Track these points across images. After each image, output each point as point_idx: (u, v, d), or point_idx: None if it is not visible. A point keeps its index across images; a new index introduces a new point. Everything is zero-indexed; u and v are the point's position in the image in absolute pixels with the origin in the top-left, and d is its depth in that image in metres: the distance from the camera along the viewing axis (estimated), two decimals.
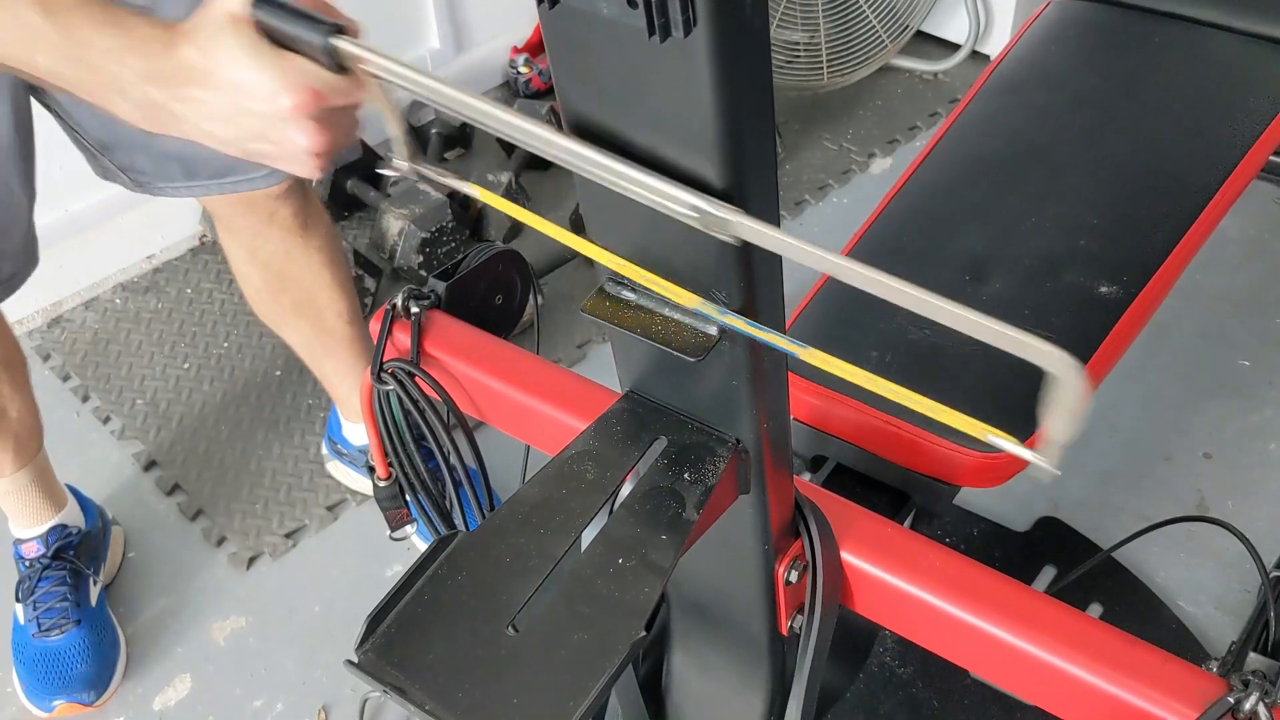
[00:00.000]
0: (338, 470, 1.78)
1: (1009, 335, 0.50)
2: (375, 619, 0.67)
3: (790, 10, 2.47)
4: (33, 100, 1.28)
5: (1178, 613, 1.56)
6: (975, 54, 2.64)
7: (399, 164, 0.69)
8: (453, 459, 1.07)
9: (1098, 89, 1.46)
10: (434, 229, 2.07)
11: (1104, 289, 1.22)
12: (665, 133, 0.58)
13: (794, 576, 0.87)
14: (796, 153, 2.42)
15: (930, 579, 0.85)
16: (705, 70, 0.53)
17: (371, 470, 1.27)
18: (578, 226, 2.17)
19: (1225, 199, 1.31)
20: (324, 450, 1.80)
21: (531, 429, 1.04)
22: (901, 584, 0.86)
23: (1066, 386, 0.50)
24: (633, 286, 0.71)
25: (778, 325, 0.71)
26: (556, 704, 0.62)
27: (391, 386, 1.07)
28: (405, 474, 1.14)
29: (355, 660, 0.65)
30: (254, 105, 0.66)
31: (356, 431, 1.71)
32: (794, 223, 2.27)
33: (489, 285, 1.17)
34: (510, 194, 2.20)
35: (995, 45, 2.61)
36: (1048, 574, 1.59)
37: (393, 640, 0.66)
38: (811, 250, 0.56)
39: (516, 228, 2.21)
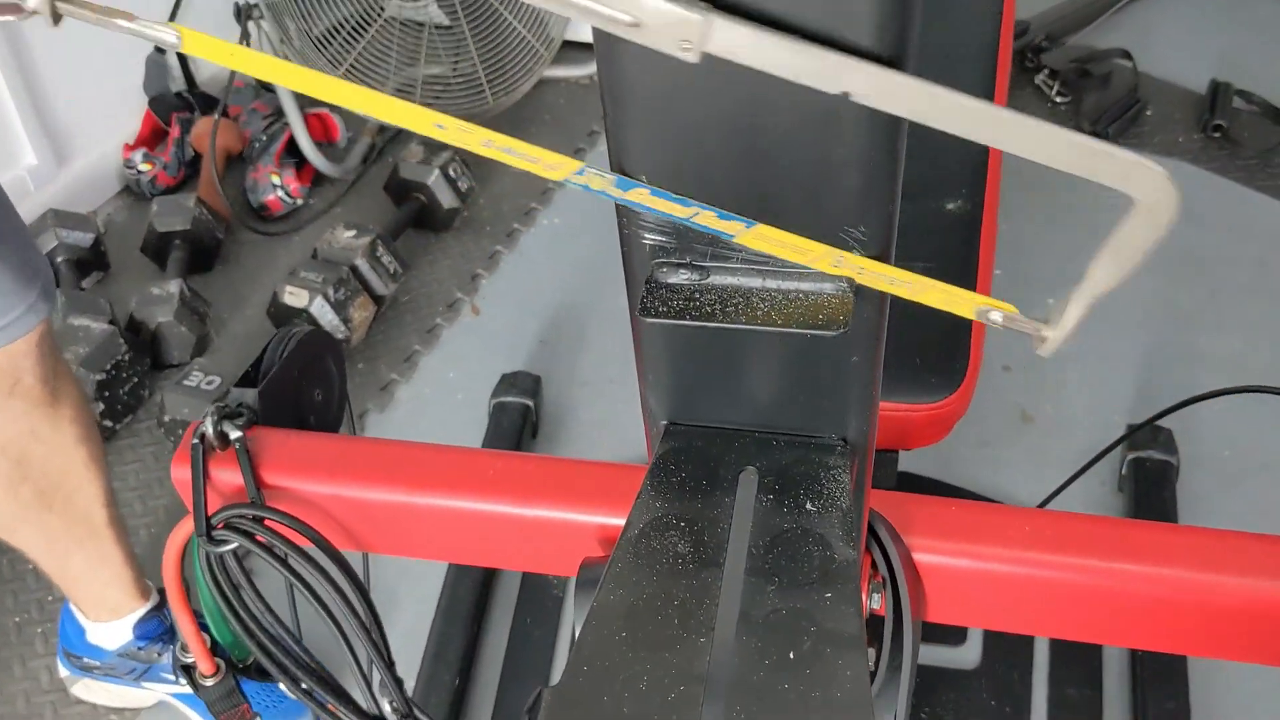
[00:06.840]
0: (89, 690, 1.38)
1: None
2: None
3: (414, 48, 2.27)
4: None
5: None
6: None
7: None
8: (348, 608, 0.79)
9: None
10: (108, 367, 1.69)
11: (950, 205, 1.14)
12: None
13: (875, 601, 0.69)
14: (487, 184, 2.23)
15: (1028, 549, 0.70)
16: None
17: (188, 670, 0.97)
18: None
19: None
20: (62, 671, 1.39)
21: (450, 540, 0.78)
22: (996, 567, 0.70)
23: (1155, 212, 0.37)
24: (690, 264, 0.50)
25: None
26: None
27: (235, 544, 0.77)
28: (268, 652, 0.84)
29: None
30: None
31: (107, 633, 1.33)
32: (511, 254, 2.08)
33: (301, 378, 0.90)
34: (184, 303, 1.84)
35: None
36: None
37: None
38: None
39: (205, 339, 1.86)
